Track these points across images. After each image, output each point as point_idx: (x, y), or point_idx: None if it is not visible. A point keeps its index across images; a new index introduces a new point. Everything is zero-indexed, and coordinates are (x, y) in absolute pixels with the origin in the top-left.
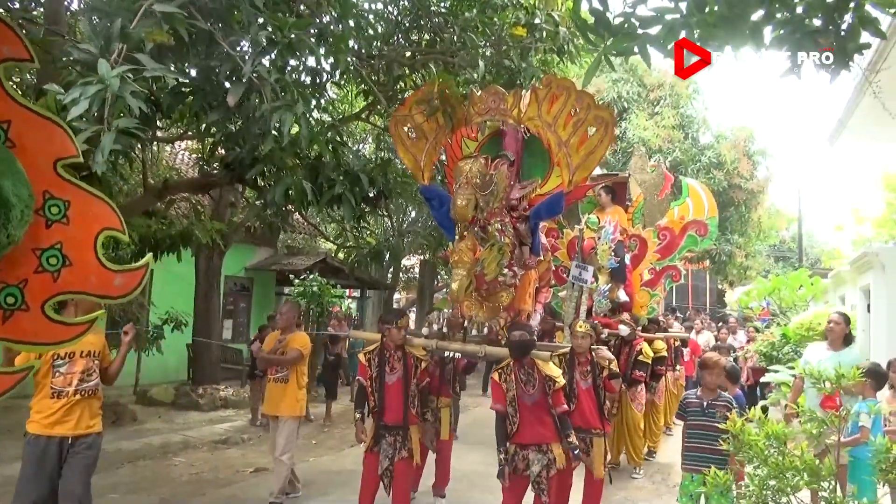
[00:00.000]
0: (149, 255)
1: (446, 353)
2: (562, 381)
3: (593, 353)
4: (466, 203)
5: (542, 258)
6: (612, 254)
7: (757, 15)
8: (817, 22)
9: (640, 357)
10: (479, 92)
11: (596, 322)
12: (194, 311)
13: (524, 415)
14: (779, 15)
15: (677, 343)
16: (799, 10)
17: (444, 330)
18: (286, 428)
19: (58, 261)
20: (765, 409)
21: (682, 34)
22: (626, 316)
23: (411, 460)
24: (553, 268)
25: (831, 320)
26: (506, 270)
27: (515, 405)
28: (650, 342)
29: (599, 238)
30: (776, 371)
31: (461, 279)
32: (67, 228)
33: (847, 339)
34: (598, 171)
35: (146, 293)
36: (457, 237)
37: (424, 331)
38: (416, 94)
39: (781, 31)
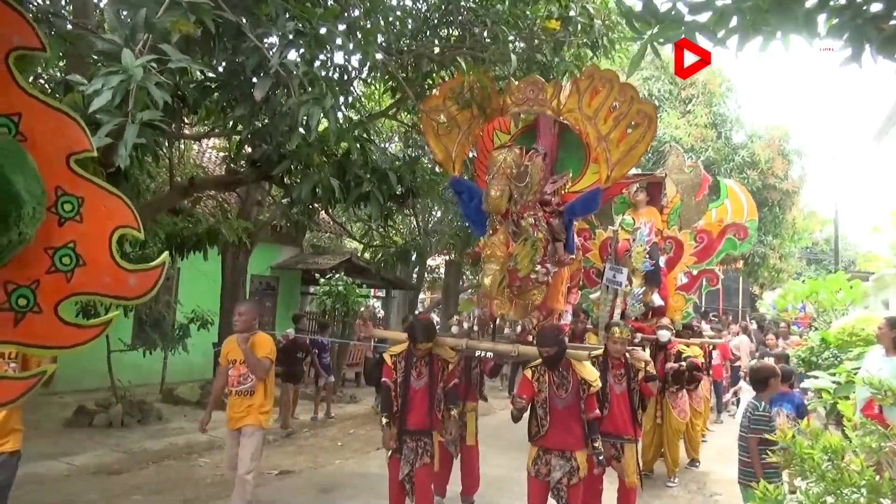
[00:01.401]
0: (165, 254)
1: (477, 353)
2: (597, 385)
3: (628, 356)
4: (500, 194)
5: (574, 256)
6: (647, 256)
7: (811, 1)
8: (877, 6)
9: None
10: (518, 82)
11: (630, 326)
12: (220, 310)
13: (554, 419)
14: (833, 2)
15: (711, 348)
16: None
17: (475, 329)
18: (252, 441)
19: (71, 260)
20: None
21: (734, 20)
22: (666, 321)
23: (433, 466)
24: (583, 269)
25: (880, 326)
26: (538, 267)
27: (546, 407)
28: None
29: (634, 240)
30: (816, 377)
31: (494, 274)
32: (81, 226)
33: None
34: (632, 169)
35: (172, 292)
36: (489, 231)
37: (454, 329)
38: (448, 84)
39: (836, 19)
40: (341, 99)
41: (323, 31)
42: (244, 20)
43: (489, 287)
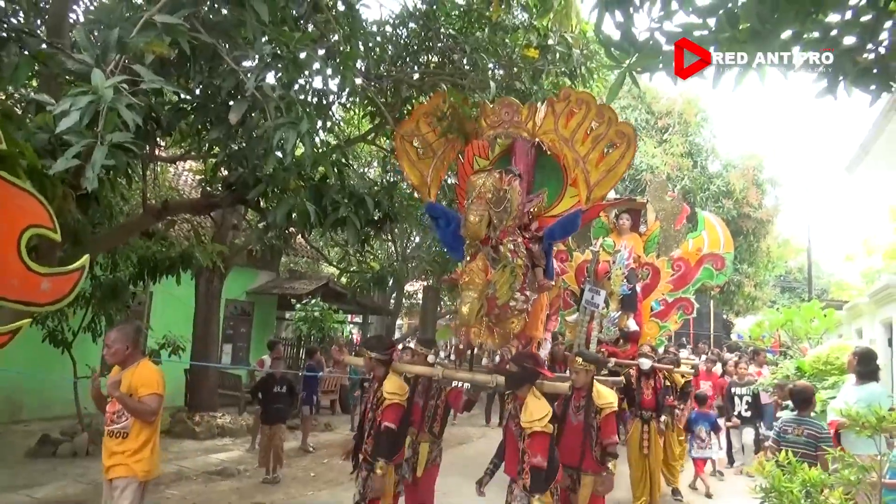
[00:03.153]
0: (85, 258)
1: (454, 384)
2: (539, 426)
3: (594, 390)
4: (479, 220)
5: (554, 283)
6: (625, 280)
7: (787, 34)
8: (851, 40)
9: (667, 384)
10: (493, 104)
11: (602, 350)
12: (193, 336)
13: (509, 448)
14: (807, 35)
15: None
16: (834, 31)
17: (451, 358)
18: (124, 498)
19: None
20: None
21: (711, 51)
22: (646, 347)
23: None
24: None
25: (848, 357)
26: (517, 294)
27: (503, 434)
28: (670, 373)
29: (614, 262)
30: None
31: (472, 302)
32: None
33: (870, 375)
34: (611, 194)
35: (144, 317)
36: (467, 257)
37: (430, 358)
38: (422, 107)
39: (811, 52)
40: (319, 123)
41: (302, 55)
42: (221, 42)
43: (467, 316)
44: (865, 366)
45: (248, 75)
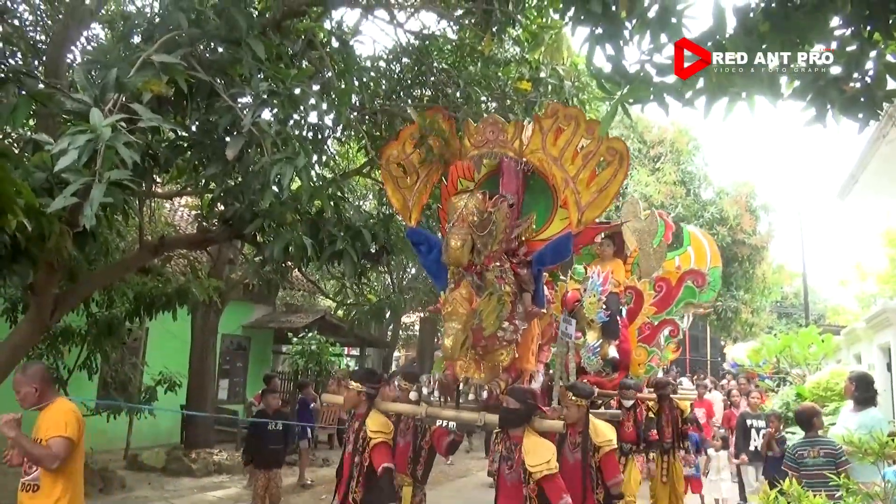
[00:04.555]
0: None
1: (439, 423)
2: (548, 468)
3: (591, 426)
4: (462, 244)
5: (545, 311)
6: (603, 306)
7: (773, 64)
8: (837, 69)
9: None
10: (477, 123)
11: (584, 382)
12: (189, 371)
13: (501, 495)
14: (794, 65)
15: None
16: (818, 59)
17: (436, 394)
18: None
19: None
20: None
21: (700, 82)
22: (632, 381)
23: None
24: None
25: (845, 382)
26: (505, 324)
27: (496, 478)
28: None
29: (585, 290)
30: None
31: (456, 334)
32: None
33: (869, 400)
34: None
35: (140, 353)
36: (451, 285)
37: (413, 395)
38: (409, 129)
39: (797, 82)
40: (315, 157)
41: (297, 91)
42: (217, 80)
43: (451, 349)
44: (864, 391)
45: (245, 112)
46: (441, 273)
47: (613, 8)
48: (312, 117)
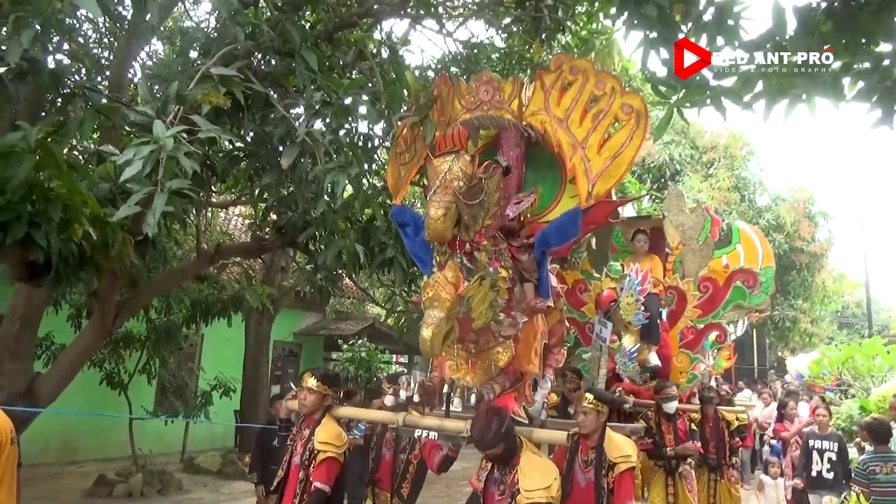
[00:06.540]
0: None
1: (417, 433)
2: (545, 497)
3: (606, 438)
4: (444, 213)
5: (552, 304)
6: (641, 308)
7: (836, 65)
8: None
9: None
10: (469, 82)
11: (619, 389)
12: (243, 377)
13: None
14: (857, 66)
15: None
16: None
17: (416, 399)
18: None
19: None
20: None
21: (759, 85)
22: (673, 390)
23: None
24: (567, 322)
25: None
26: (501, 316)
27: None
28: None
29: (622, 289)
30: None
31: (438, 323)
32: None
33: None
34: (630, 211)
35: (196, 358)
36: (434, 269)
37: (388, 400)
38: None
39: (861, 83)
40: (365, 166)
41: (348, 101)
42: (272, 91)
43: (431, 341)
44: None
45: (299, 122)
46: (428, 257)
47: (668, 11)
48: (363, 126)
